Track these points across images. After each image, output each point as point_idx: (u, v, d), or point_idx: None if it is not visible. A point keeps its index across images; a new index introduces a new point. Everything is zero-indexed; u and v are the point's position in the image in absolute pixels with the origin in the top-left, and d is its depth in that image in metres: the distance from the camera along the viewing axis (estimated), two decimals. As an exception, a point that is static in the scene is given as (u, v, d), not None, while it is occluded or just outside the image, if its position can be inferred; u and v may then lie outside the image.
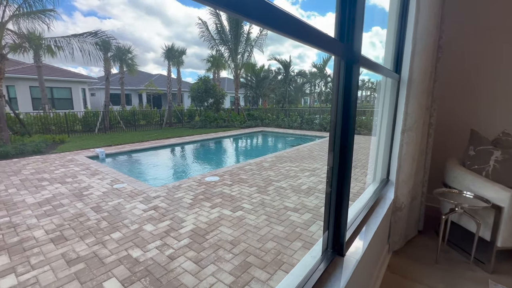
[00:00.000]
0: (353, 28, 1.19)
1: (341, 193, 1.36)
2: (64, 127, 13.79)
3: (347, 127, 1.24)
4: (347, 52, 1.20)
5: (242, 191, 4.67)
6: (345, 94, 1.24)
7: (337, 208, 1.39)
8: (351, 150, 1.30)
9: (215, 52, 18.96)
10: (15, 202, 4.20)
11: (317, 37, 0.93)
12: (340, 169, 1.32)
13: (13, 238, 3.09)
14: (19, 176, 5.67)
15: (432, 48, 2.21)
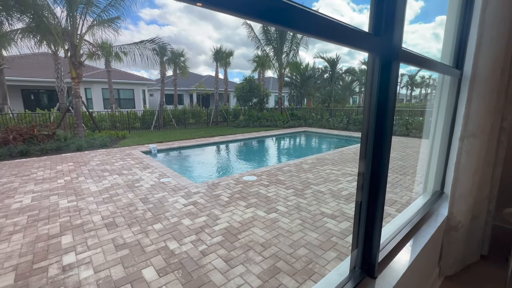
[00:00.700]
0: (392, 18, 1.03)
1: (374, 207, 1.21)
2: (126, 124, 15.57)
3: (382, 131, 1.08)
4: (383, 47, 1.04)
5: (278, 193, 4.60)
6: (380, 95, 1.08)
7: (368, 224, 1.24)
8: (387, 157, 1.14)
9: (260, 52, 19.18)
10: (82, 189, 4.88)
11: (339, 32, 0.82)
12: (372, 179, 1.17)
13: (77, 220, 3.59)
14: (88, 166, 6.58)
15: (506, 37, 1.81)
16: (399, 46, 1.08)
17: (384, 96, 1.06)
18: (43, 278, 2.41)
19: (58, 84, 13.63)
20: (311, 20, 0.70)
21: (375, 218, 1.24)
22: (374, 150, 1.13)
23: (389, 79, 1.07)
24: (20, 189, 4.87)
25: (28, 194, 4.58)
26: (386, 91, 1.05)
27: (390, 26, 1.04)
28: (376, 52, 1.04)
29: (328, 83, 19.03)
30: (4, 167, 6.57)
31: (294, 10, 0.63)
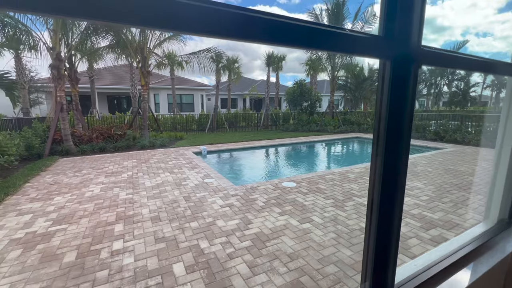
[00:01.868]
0: (408, 16, 0.89)
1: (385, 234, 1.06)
2: (185, 127, 17.09)
3: (395, 146, 0.94)
4: (397, 50, 0.91)
5: (316, 202, 4.39)
6: (392, 105, 0.95)
7: (378, 258, 1.10)
8: (402, 178, 0.99)
9: (313, 55, 18.74)
10: (139, 183, 5.55)
11: (343, 41, 0.76)
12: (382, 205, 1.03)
13: (130, 211, 4.10)
14: (147, 164, 7.45)
15: None
16: (417, 47, 0.93)
17: (399, 105, 0.92)
18: (95, 259, 2.82)
19: (132, 90, 15.84)
20: (309, 34, 0.67)
21: (387, 247, 1.09)
22: (384, 170, 1.00)
23: (407, 87, 0.93)
24: (94, 180, 5.82)
25: (99, 185, 5.43)
26: (402, 100, 0.91)
27: (404, 25, 0.90)
28: (388, 57, 0.91)
29: (387, 85, 17.32)
30: (86, 160, 7.95)
31: (290, 27, 0.62)
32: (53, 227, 3.59)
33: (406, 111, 0.94)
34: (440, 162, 7.53)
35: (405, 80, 0.92)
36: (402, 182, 1.02)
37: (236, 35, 0.55)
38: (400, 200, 1.03)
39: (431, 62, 1.03)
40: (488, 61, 1.39)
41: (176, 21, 0.47)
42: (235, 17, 0.54)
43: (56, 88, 9.07)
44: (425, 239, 3.22)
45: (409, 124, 0.96)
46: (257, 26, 0.57)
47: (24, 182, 5.59)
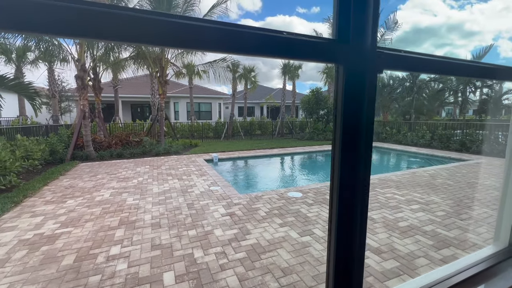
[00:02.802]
0: (363, 17, 0.83)
1: (345, 253, 0.97)
2: (201, 134, 17.45)
3: (351, 160, 0.86)
4: (350, 54, 0.84)
5: (320, 214, 4.22)
6: (346, 113, 0.87)
7: (340, 275, 1.00)
8: (360, 196, 0.90)
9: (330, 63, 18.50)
10: (147, 189, 5.68)
11: (292, 45, 0.73)
12: (340, 226, 0.94)
13: (133, 217, 4.18)
14: (158, 170, 7.64)
15: None
16: (371, 49, 0.85)
17: (355, 113, 0.85)
18: (91, 263, 2.88)
19: (152, 99, 16.53)
20: (256, 39, 0.65)
21: (348, 271, 0.99)
22: (340, 186, 0.91)
23: (363, 92, 0.85)
24: (106, 184, 6.05)
25: (109, 190, 5.63)
26: (357, 108, 0.84)
27: (358, 28, 0.84)
28: (341, 61, 0.85)
29: (408, 92, 16.59)
30: (103, 165, 8.31)
31: (235, 34, 0.61)
32: (60, 229, 3.73)
33: (363, 120, 0.86)
34: (463, 174, 6.98)
35: (360, 85, 0.85)
36: (360, 198, 0.93)
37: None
38: (360, 216, 0.93)
39: (390, 65, 0.94)
40: (476, 65, 1.26)
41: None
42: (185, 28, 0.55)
43: (80, 97, 9.68)
44: (435, 259, 2.94)
45: (367, 135, 0.88)
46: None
47: (43, 185, 5.93)
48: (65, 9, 0.44)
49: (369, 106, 0.86)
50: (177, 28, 0.53)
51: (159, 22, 0.51)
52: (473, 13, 52.54)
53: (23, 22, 0.41)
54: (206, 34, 0.56)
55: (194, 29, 0.55)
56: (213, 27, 0.56)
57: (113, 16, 0.47)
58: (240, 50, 0.63)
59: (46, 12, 0.42)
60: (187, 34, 0.54)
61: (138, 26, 0.48)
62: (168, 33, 0.51)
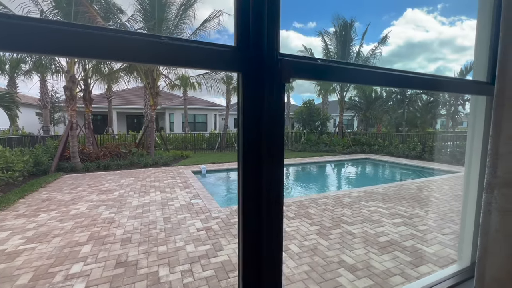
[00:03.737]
0: (263, 24, 0.77)
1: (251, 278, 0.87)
2: (194, 145, 17.34)
3: (255, 173, 0.78)
4: (250, 62, 0.77)
5: (299, 229, 4.08)
6: (247, 126, 0.79)
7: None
8: (272, 215, 0.81)
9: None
10: (126, 202, 5.51)
11: (188, 53, 0.67)
12: (245, 242, 0.85)
13: (104, 231, 4.01)
14: (143, 182, 7.48)
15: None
16: (271, 57, 0.79)
17: (258, 122, 0.77)
18: (47, 283, 2.71)
19: (145, 110, 16.54)
20: (151, 49, 0.60)
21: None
22: (244, 195, 0.82)
23: (262, 101, 0.78)
24: (85, 197, 5.87)
25: (87, 203, 5.45)
26: (260, 116, 0.76)
27: (258, 35, 0.77)
28: (241, 69, 0.78)
29: (399, 105, 16.76)
30: (87, 177, 8.14)
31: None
32: (24, 245, 3.55)
33: (266, 131, 0.78)
34: (451, 187, 6.90)
35: (261, 95, 0.77)
36: (269, 214, 0.84)
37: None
38: (268, 232, 0.84)
39: (298, 74, 0.87)
40: (450, 79, 1.22)
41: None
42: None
43: (68, 107, 9.62)
44: (412, 277, 2.81)
45: (272, 147, 0.80)
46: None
47: (19, 198, 5.74)
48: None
49: (275, 117, 0.79)
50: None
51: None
52: (464, 29, 54.20)
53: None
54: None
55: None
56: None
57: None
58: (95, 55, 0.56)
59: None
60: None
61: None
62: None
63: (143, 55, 0.59)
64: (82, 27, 0.50)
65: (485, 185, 1.33)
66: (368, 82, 1.01)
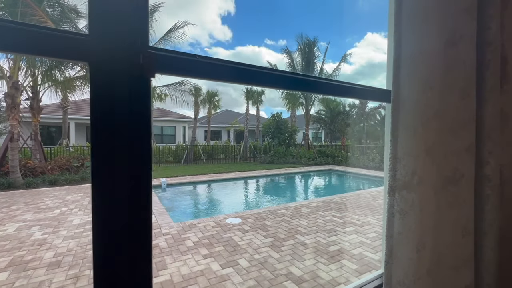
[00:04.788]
0: (122, 11, 0.66)
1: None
2: (160, 158, 16.58)
3: (107, 185, 0.64)
4: (107, 53, 0.65)
5: (252, 242, 3.95)
6: (99, 127, 0.66)
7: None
8: (133, 234, 0.69)
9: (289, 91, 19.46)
10: (66, 221, 4.93)
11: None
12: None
13: (30, 256, 3.49)
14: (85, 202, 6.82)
15: (455, 51, 1.24)
16: (132, 47, 0.68)
17: (111, 126, 0.64)
18: None
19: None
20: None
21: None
22: (96, 205, 0.69)
23: (125, 97, 0.66)
24: (17, 217, 5.16)
25: (18, 223, 4.78)
26: (111, 113, 0.64)
27: (119, 23, 0.66)
28: (95, 61, 0.65)
29: (359, 119, 17.89)
30: (26, 194, 7.24)
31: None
32: None
33: (122, 130, 0.66)
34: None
35: (117, 90, 0.66)
36: (131, 232, 0.70)
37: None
38: (130, 252, 0.70)
39: (164, 68, 0.77)
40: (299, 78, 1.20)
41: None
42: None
43: (9, 117, 8.65)
44: (355, 286, 2.80)
45: (134, 150, 0.67)
46: None
47: None
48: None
49: (137, 115, 0.67)
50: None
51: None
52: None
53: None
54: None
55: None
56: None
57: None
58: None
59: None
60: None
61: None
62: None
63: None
64: None
65: (388, 188, 1.34)
66: (260, 82, 0.96)
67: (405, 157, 1.28)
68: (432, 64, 1.27)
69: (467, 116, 1.36)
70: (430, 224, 1.32)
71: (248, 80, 0.89)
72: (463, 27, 1.28)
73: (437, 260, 1.33)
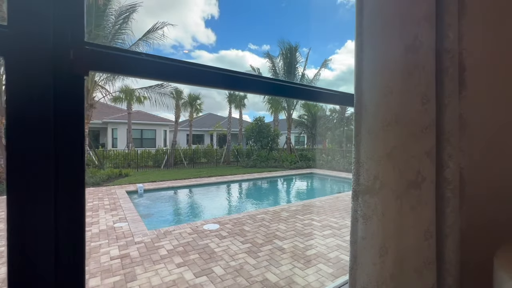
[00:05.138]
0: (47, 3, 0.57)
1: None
2: (138, 163, 16.00)
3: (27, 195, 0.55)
4: (28, 47, 0.56)
5: (229, 248, 3.86)
6: (16, 129, 0.57)
7: None
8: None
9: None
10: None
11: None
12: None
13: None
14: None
15: (418, 53, 1.26)
16: (66, 43, 0.59)
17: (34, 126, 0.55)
18: None
19: (78, 124, 14.73)
20: None
21: None
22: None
23: (46, 95, 0.57)
24: (-28, 228, 4.71)
25: (-28, 235, 4.36)
26: (31, 112, 0.54)
27: (41, 15, 0.57)
28: (9, 55, 0.56)
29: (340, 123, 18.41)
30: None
31: None
32: None
33: (47, 138, 0.57)
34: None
35: (40, 88, 0.57)
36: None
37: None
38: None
39: (100, 66, 0.70)
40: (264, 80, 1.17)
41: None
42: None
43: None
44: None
45: (61, 156, 0.58)
46: None
47: None
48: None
49: (66, 117, 0.59)
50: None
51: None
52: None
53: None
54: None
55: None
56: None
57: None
58: None
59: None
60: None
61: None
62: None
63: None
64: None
65: (352, 193, 1.33)
66: (206, 83, 0.91)
67: (367, 161, 1.26)
68: (392, 69, 1.27)
69: (427, 120, 1.37)
70: (392, 229, 1.31)
71: (197, 82, 0.84)
72: (422, 34, 1.30)
73: (400, 264, 1.33)
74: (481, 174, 1.61)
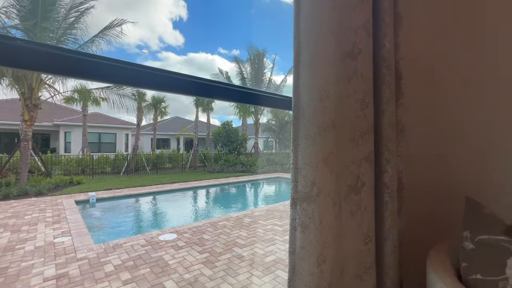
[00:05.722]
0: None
1: None
2: (94, 169, 14.70)
3: None
4: None
5: (185, 259, 3.64)
6: None
7: None
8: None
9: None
10: None
11: None
12: None
13: None
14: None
15: (356, 59, 1.26)
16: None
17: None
18: None
19: (21, 127, 13.15)
20: None
21: None
22: None
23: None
24: None
25: None
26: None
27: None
28: None
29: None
30: None
31: None
32: None
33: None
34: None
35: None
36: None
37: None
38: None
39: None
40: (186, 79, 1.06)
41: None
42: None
43: None
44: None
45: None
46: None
47: None
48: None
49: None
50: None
51: None
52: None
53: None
54: None
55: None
56: None
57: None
58: None
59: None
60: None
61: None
62: None
63: None
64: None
65: (290, 200, 1.27)
66: (100, 77, 0.78)
67: (305, 167, 1.22)
68: (329, 73, 1.25)
69: (366, 126, 1.37)
70: (330, 236, 1.27)
71: (84, 75, 0.71)
72: (360, 41, 1.30)
73: (340, 272, 1.29)
74: (418, 177, 1.67)
